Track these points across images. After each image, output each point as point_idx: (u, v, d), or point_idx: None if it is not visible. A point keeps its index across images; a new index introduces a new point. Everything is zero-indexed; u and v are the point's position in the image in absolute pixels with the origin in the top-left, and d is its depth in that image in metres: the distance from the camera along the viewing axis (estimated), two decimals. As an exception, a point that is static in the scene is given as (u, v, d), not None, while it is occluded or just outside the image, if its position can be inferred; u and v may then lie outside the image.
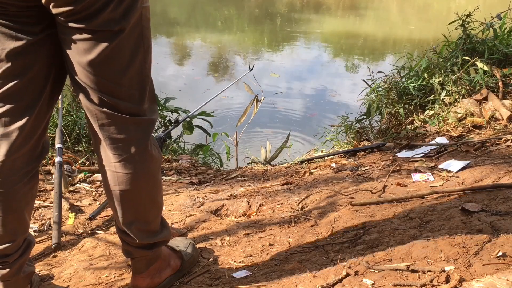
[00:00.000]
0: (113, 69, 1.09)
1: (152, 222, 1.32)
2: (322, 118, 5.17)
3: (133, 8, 1.06)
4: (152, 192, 1.27)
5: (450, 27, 3.63)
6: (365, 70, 6.19)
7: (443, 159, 2.46)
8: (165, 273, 1.44)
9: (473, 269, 1.32)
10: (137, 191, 1.23)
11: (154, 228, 1.34)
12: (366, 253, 1.53)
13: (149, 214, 1.30)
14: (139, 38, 1.10)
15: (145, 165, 1.21)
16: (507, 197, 1.77)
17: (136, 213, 1.27)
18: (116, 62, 1.08)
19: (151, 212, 1.30)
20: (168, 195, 2.31)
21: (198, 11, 13.00)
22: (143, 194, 1.25)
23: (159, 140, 2.73)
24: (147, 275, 1.40)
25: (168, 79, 6.65)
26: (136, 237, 1.29)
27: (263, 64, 7.42)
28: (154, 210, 1.32)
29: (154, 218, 1.33)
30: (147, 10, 1.12)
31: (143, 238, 1.31)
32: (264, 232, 1.83)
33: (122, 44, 1.07)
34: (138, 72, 1.13)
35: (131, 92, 1.14)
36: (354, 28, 10.75)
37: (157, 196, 1.30)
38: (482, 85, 3.15)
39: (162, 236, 1.37)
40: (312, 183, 2.37)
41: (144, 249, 1.34)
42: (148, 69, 1.17)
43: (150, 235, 1.33)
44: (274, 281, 1.44)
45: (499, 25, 3.67)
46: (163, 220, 1.40)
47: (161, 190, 1.34)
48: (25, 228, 1.25)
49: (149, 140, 1.22)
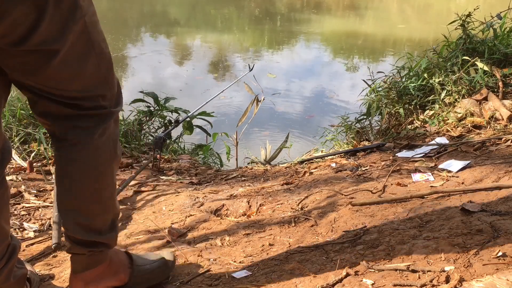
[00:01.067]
0: (62, 80, 1.11)
1: (95, 219, 1.25)
2: (321, 119, 5.17)
3: (70, 21, 1.05)
4: (95, 186, 1.21)
5: (450, 27, 3.63)
6: (365, 70, 6.19)
7: (443, 159, 2.46)
8: (106, 283, 1.33)
9: (473, 269, 1.32)
10: (78, 179, 1.20)
11: (96, 227, 1.26)
12: (366, 253, 1.53)
13: (90, 209, 1.24)
14: (87, 45, 1.11)
15: (89, 155, 1.18)
16: (507, 197, 1.77)
17: (73, 202, 1.22)
18: (64, 73, 1.10)
19: (93, 207, 1.24)
20: (168, 195, 2.31)
21: (198, 11, 13.00)
22: (84, 184, 1.20)
23: (159, 140, 2.73)
24: (81, 279, 1.31)
25: (168, 79, 6.65)
26: (72, 230, 1.24)
27: (263, 64, 7.42)
28: (98, 206, 1.25)
29: (98, 215, 1.25)
30: (92, 14, 1.11)
31: (78, 232, 1.24)
32: (264, 232, 1.83)
33: (65, 59, 1.07)
34: (92, 75, 1.15)
35: (87, 93, 1.16)
36: (354, 28, 10.75)
37: (103, 192, 1.24)
38: (482, 85, 3.15)
39: (104, 238, 1.28)
40: (312, 183, 2.37)
41: (79, 246, 1.26)
42: (105, 68, 1.17)
43: (88, 232, 1.25)
44: (274, 281, 1.44)
45: (499, 25, 3.67)
46: (114, 224, 1.32)
47: (111, 189, 1.27)
48: (4, 236, 1.22)
49: (100, 131, 1.19)
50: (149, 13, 12.57)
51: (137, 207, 2.20)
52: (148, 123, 3.66)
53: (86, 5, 1.09)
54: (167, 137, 3.02)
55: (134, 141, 3.27)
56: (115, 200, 1.32)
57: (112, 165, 1.25)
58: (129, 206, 2.21)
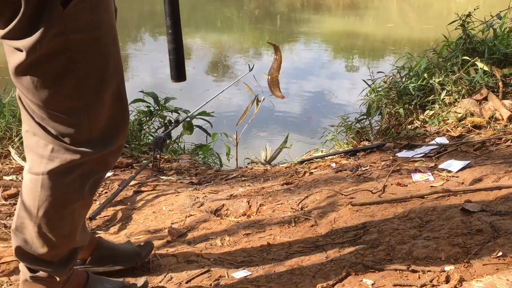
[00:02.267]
0: (32, 87, 1.05)
1: (41, 249, 1.18)
2: (321, 119, 5.16)
3: (44, 37, 0.99)
4: (45, 221, 1.14)
5: (450, 27, 3.63)
6: (365, 70, 6.19)
7: (443, 159, 2.46)
8: None
9: (473, 269, 1.33)
10: (28, 205, 1.15)
11: (34, 252, 1.18)
12: (366, 253, 1.53)
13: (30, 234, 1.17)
14: (67, 65, 1.03)
15: (37, 192, 1.13)
16: (507, 197, 1.77)
17: (18, 220, 1.18)
18: (34, 81, 1.04)
19: (36, 234, 1.16)
20: (168, 195, 2.31)
21: (198, 11, 13.00)
22: (31, 209, 1.15)
23: (159, 140, 2.73)
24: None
25: (168, 79, 6.63)
26: (14, 244, 1.19)
27: (263, 64, 7.42)
28: (41, 235, 1.16)
29: (37, 242, 1.17)
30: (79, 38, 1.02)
31: (18, 253, 1.20)
32: (264, 232, 1.83)
33: (38, 69, 1.03)
34: (68, 97, 1.07)
35: (60, 116, 1.08)
36: (354, 28, 10.74)
37: (48, 226, 1.15)
38: (482, 85, 3.15)
39: (42, 267, 1.20)
40: (312, 183, 2.37)
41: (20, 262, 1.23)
42: (90, 98, 1.08)
43: (31, 261, 1.20)
44: (274, 281, 1.44)
45: (499, 25, 3.66)
46: (73, 252, 1.24)
47: (58, 226, 1.17)
48: None
49: (57, 173, 1.11)
50: (149, 13, 12.57)
51: (137, 207, 2.20)
52: (148, 123, 3.66)
53: (78, 24, 1.01)
54: (167, 137, 3.02)
55: (134, 141, 3.27)
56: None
57: (65, 206, 1.17)
58: (129, 206, 2.21)
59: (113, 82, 1.11)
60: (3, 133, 2.86)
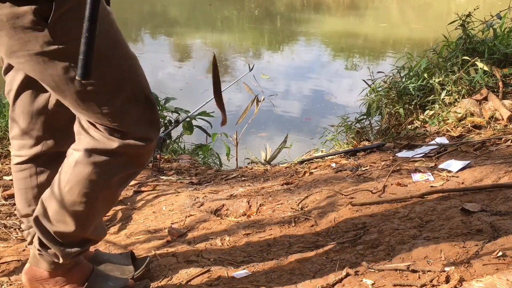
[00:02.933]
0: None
1: (55, 225, 1.22)
2: (320, 120, 5.16)
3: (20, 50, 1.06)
4: (67, 197, 1.19)
5: (450, 27, 3.63)
6: (364, 70, 6.19)
7: (443, 159, 2.46)
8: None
9: (473, 269, 1.33)
10: (61, 178, 1.20)
11: (47, 224, 1.22)
12: (366, 253, 1.53)
13: (54, 215, 1.21)
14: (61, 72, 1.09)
15: (71, 167, 1.18)
16: (507, 197, 1.77)
17: (48, 191, 1.23)
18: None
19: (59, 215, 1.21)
20: (168, 195, 2.31)
21: (198, 11, 13.00)
22: (56, 190, 1.20)
23: (159, 140, 2.73)
24: (27, 273, 1.30)
25: (168, 79, 6.65)
26: (35, 213, 1.24)
27: (263, 64, 7.42)
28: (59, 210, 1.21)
29: (53, 215, 1.21)
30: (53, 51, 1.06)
31: (36, 222, 1.23)
32: (264, 232, 1.83)
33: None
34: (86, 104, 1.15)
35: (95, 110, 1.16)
36: (354, 28, 10.75)
37: (68, 202, 1.20)
38: (482, 85, 3.15)
39: (50, 242, 1.23)
40: (312, 183, 2.37)
41: (37, 238, 1.26)
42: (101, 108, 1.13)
43: (43, 233, 1.23)
44: (274, 281, 1.44)
45: (499, 25, 3.66)
46: (83, 241, 1.27)
47: (77, 207, 1.20)
48: None
49: (93, 152, 1.17)
50: (149, 13, 12.57)
51: (137, 207, 2.20)
52: (148, 123, 3.66)
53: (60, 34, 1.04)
54: (167, 137, 3.02)
55: (134, 141, 3.26)
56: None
57: (92, 186, 1.19)
58: (129, 206, 2.21)
59: (126, 87, 1.16)
60: (3, 133, 2.86)
